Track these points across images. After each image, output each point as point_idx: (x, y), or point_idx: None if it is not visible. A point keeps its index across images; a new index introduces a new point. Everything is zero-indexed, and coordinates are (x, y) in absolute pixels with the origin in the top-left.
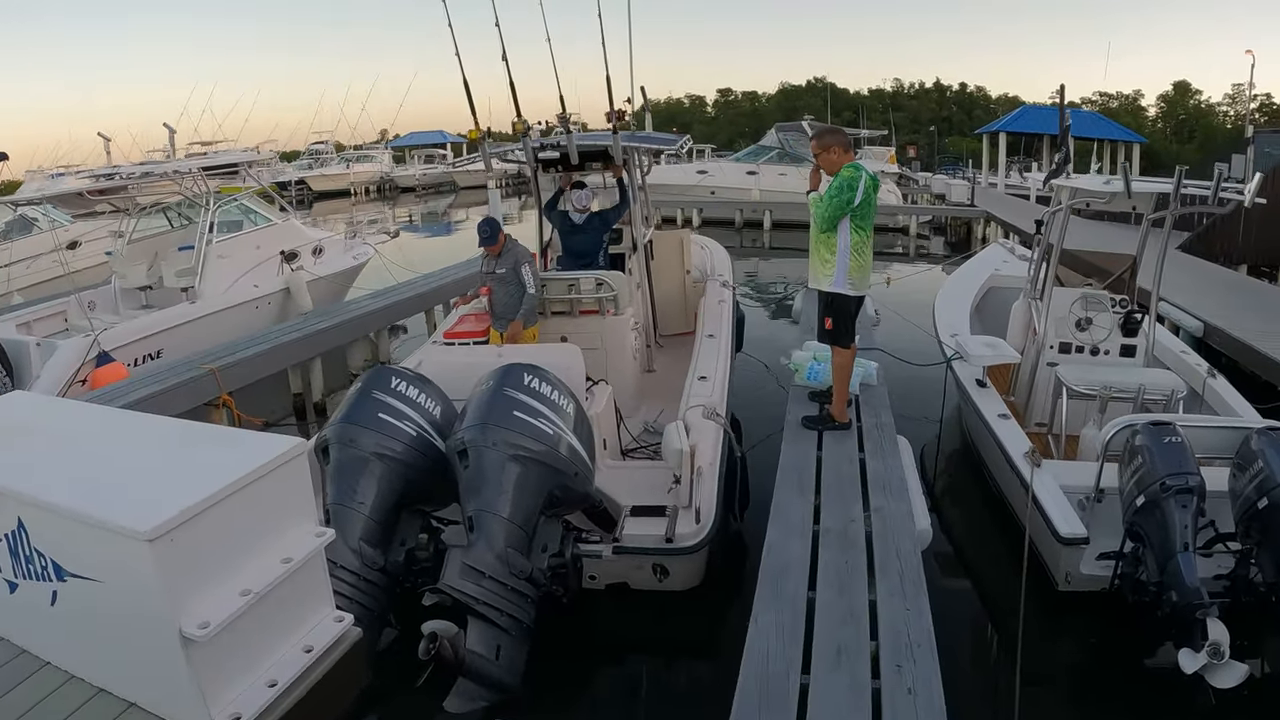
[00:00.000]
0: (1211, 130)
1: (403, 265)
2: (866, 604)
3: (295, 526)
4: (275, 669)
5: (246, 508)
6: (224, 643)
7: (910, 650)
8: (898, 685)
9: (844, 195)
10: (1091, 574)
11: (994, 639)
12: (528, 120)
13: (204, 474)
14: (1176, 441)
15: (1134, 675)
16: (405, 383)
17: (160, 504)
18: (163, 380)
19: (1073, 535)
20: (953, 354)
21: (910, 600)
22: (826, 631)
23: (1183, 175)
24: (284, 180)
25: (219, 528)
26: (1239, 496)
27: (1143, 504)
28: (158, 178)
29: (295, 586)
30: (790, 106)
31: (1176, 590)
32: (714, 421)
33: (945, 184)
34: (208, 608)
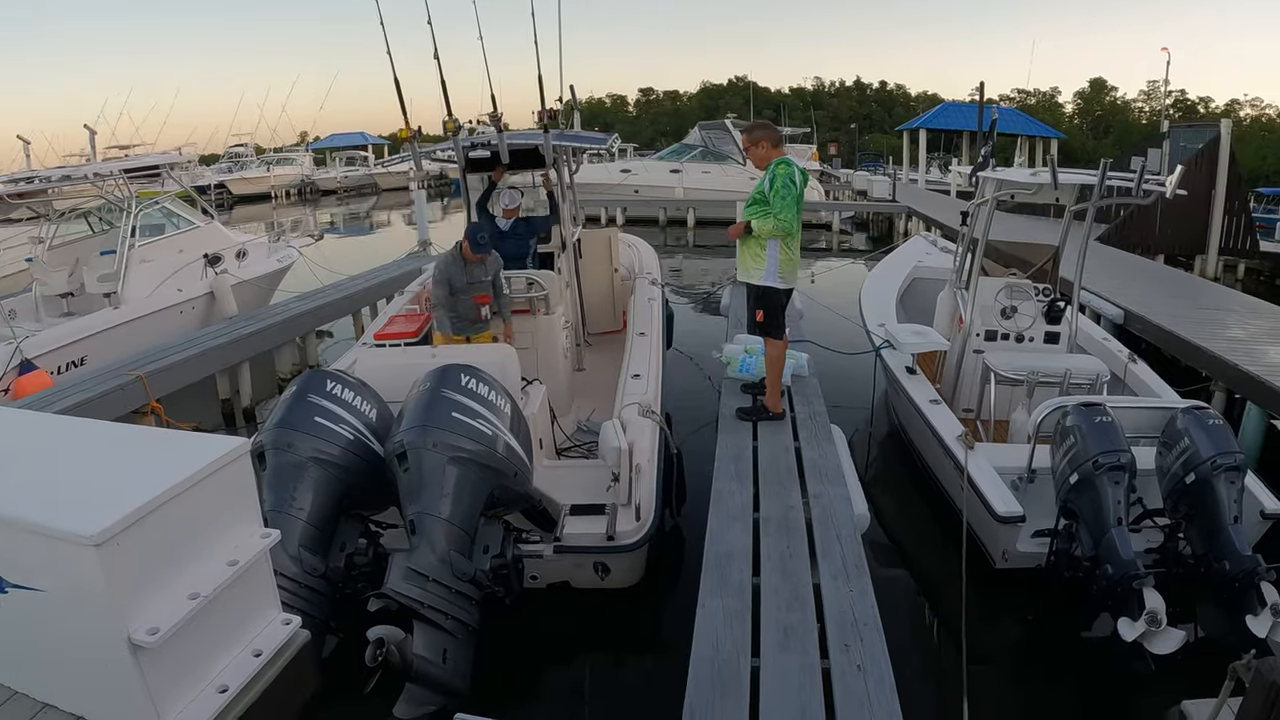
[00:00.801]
0: (1127, 126)
1: (328, 268)
2: (811, 587)
3: (240, 528)
4: (225, 674)
5: (191, 510)
6: (174, 649)
7: (857, 629)
8: (847, 663)
9: (791, 191)
10: (1027, 551)
11: (935, 617)
12: (458, 119)
13: (146, 476)
14: (1107, 421)
15: (1073, 646)
16: (341, 386)
17: (105, 508)
18: (89, 388)
19: (1009, 514)
20: (882, 343)
21: (853, 582)
22: (773, 615)
23: (1107, 168)
24: (203, 184)
25: (165, 531)
26: (1166, 473)
27: (1076, 482)
28: (78, 181)
29: (242, 589)
30: (712, 105)
31: (1112, 563)
32: (649, 419)
33: (867, 180)
34: (156, 613)
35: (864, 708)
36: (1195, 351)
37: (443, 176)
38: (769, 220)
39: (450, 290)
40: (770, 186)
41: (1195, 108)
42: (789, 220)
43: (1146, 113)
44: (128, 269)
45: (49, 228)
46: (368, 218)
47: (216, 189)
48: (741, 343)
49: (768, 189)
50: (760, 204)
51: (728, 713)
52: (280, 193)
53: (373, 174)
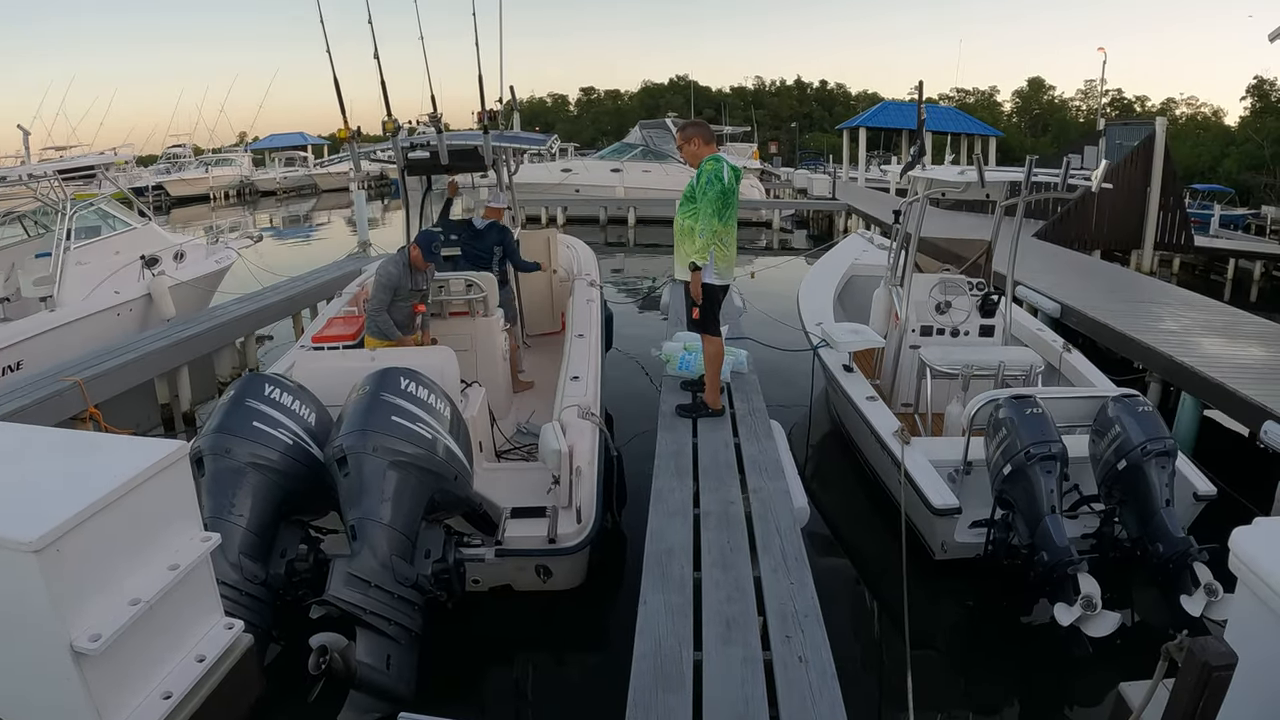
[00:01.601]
0: (1065, 124)
1: (267, 269)
2: (751, 580)
3: (180, 532)
4: (169, 680)
5: (131, 514)
6: (116, 655)
7: (797, 621)
8: (788, 655)
9: (714, 188)
10: (965, 542)
11: (876, 608)
12: (398, 120)
13: (85, 481)
14: (1038, 413)
15: (1013, 633)
16: (279, 390)
17: (43, 513)
18: (25, 394)
19: (945, 506)
20: (819, 341)
21: (793, 574)
22: (715, 608)
23: (1033, 164)
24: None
25: (105, 536)
26: (1099, 460)
27: (1010, 473)
28: (11, 184)
29: (184, 594)
30: (653, 105)
31: (1047, 550)
32: (589, 421)
33: (807, 179)
34: (98, 619)
35: (806, 698)
36: (1130, 343)
37: (383, 177)
38: (697, 240)
39: (393, 297)
40: (698, 183)
41: (1132, 106)
42: (707, 219)
43: (1084, 111)
44: (64, 272)
45: None
46: (307, 219)
47: (154, 190)
48: (681, 340)
49: (695, 185)
50: (691, 202)
51: (671, 706)
52: (219, 194)
53: (312, 175)
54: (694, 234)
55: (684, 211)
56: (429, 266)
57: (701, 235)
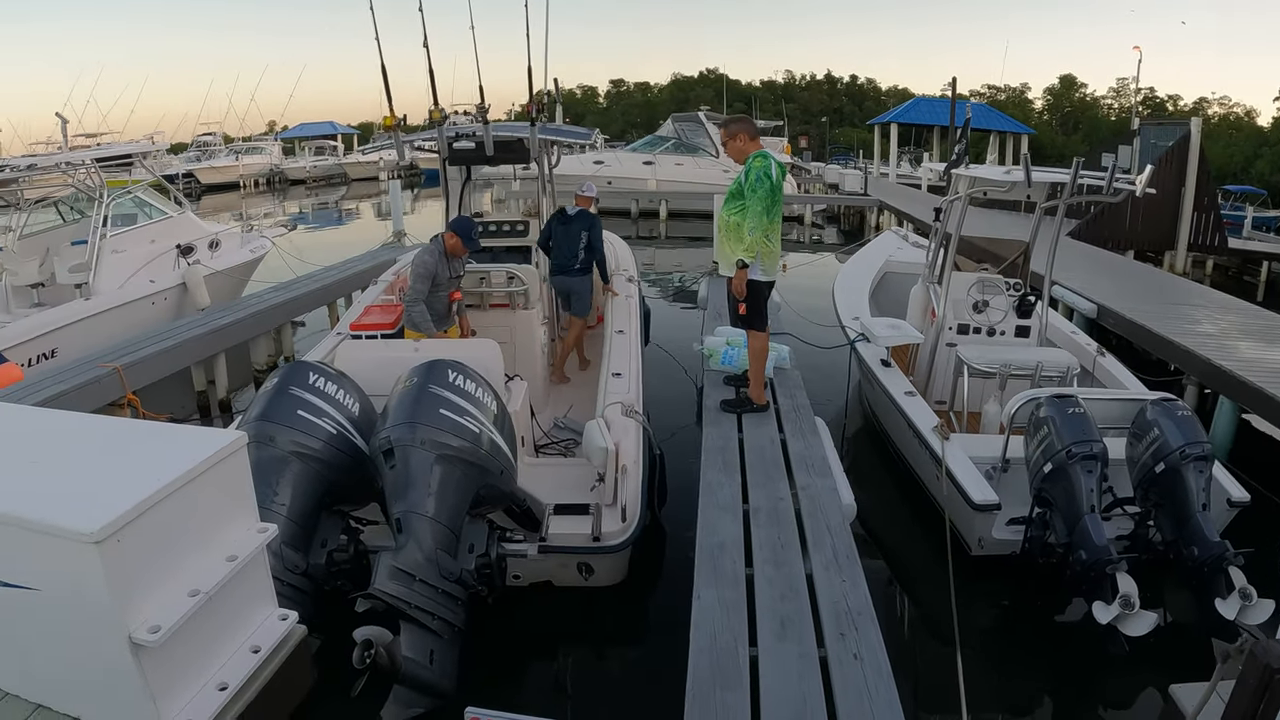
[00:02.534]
0: (1096, 122)
1: (300, 258)
2: (804, 577)
3: (238, 522)
4: (225, 671)
5: (191, 505)
6: (174, 647)
7: (851, 619)
8: (843, 652)
9: (764, 185)
10: (1002, 538)
11: (913, 603)
12: (444, 109)
13: (146, 471)
14: (1079, 412)
15: (1048, 630)
16: (324, 378)
17: (104, 504)
18: (63, 381)
19: (986, 502)
20: (857, 336)
21: (845, 572)
22: (768, 605)
23: (1080, 166)
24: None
25: (165, 527)
26: (1136, 463)
27: (1050, 471)
28: (48, 171)
29: (240, 585)
30: (683, 98)
31: (1086, 549)
32: (633, 419)
33: (839, 174)
34: (157, 611)
35: (863, 696)
36: (1168, 346)
37: (412, 167)
38: (746, 237)
39: (431, 286)
40: (745, 180)
41: (1164, 105)
42: (755, 217)
43: (1115, 109)
44: (99, 259)
45: (18, 217)
46: (337, 207)
47: (185, 178)
48: (723, 335)
49: (744, 181)
50: (738, 198)
51: (729, 703)
52: (249, 182)
53: (342, 163)
54: (741, 230)
55: (730, 208)
56: (465, 252)
57: (751, 233)
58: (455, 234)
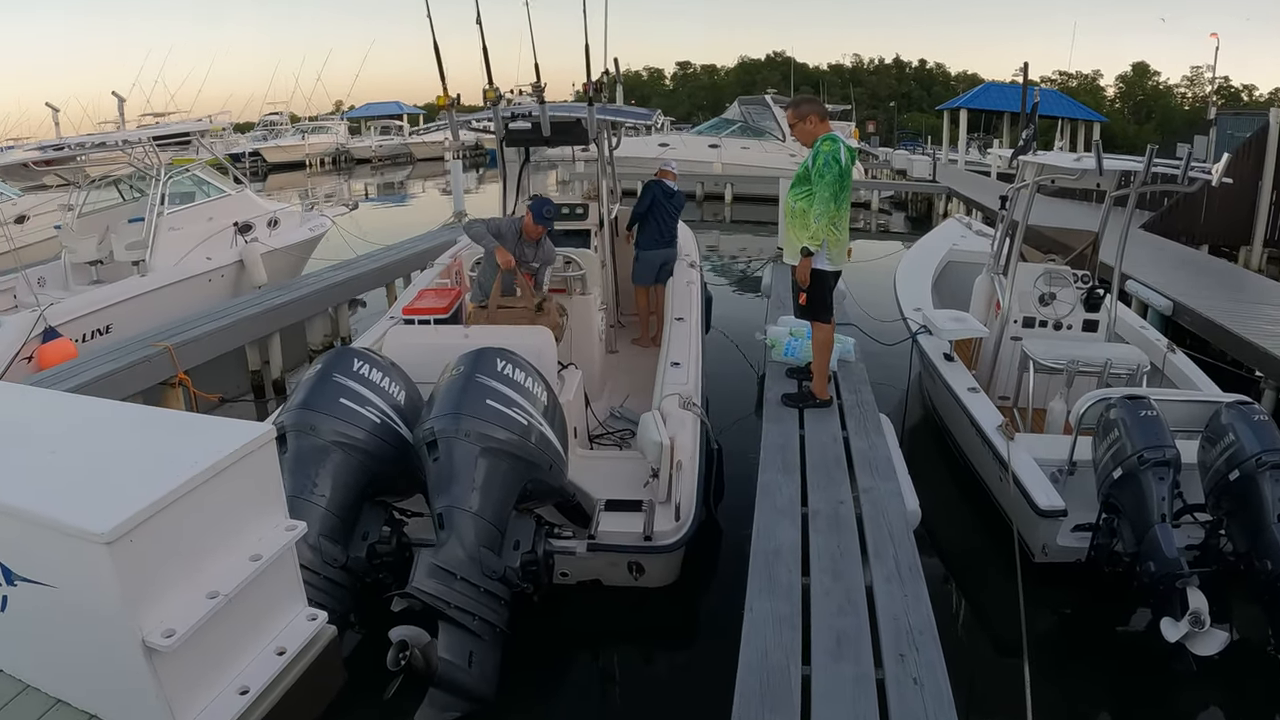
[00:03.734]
0: (1169, 112)
1: (361, 238)
2: (863, 590)
3: (263, 520)
4: (247, 675)
5: (212, 502)
6: (191, 651)
7: (912, 639)
8: (902, 675)
9: (832, 170)
10: (1068, 545)
11: (975, 613)
12: (499, 89)
13: (165, 466)
14: (1152, 415)
15: (1113, 645)
16: (369, 365)
17: (118, 501)
18: (115, 359)
19: (1052, 508)
20: (919, 328)
21: (908, 586)
22: (825, 620)
23: (1153, 154)
24: (238, 152)
25: (183, 525)
26: (1209, 469)
27: (1120, 477)
28: (107, 148)
29: (265, 585)
30: (749, 81)
31: (1155, 560)
32: (691, 412)
33: (906, 160)
34: (173, 614)
35: None
36: (1246, 347)
37: (478, 147)
38: (812, 224)
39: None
40: (813, 164)
41: (1238, 95)
42: (823, 202)
43: (1189, 99)
44: (156, 237)
45: (79, 195)
46: (402, 187)
47: (251, 157)
48: (787, 325)
49: (810, 166)
50: (804, 183)
51: None
52: (315, 161)
53: (407, 143)
54: (807, 217)
55: (796, 193)
56: (541, 232)
57: (817, 220)
58: (530, 211)
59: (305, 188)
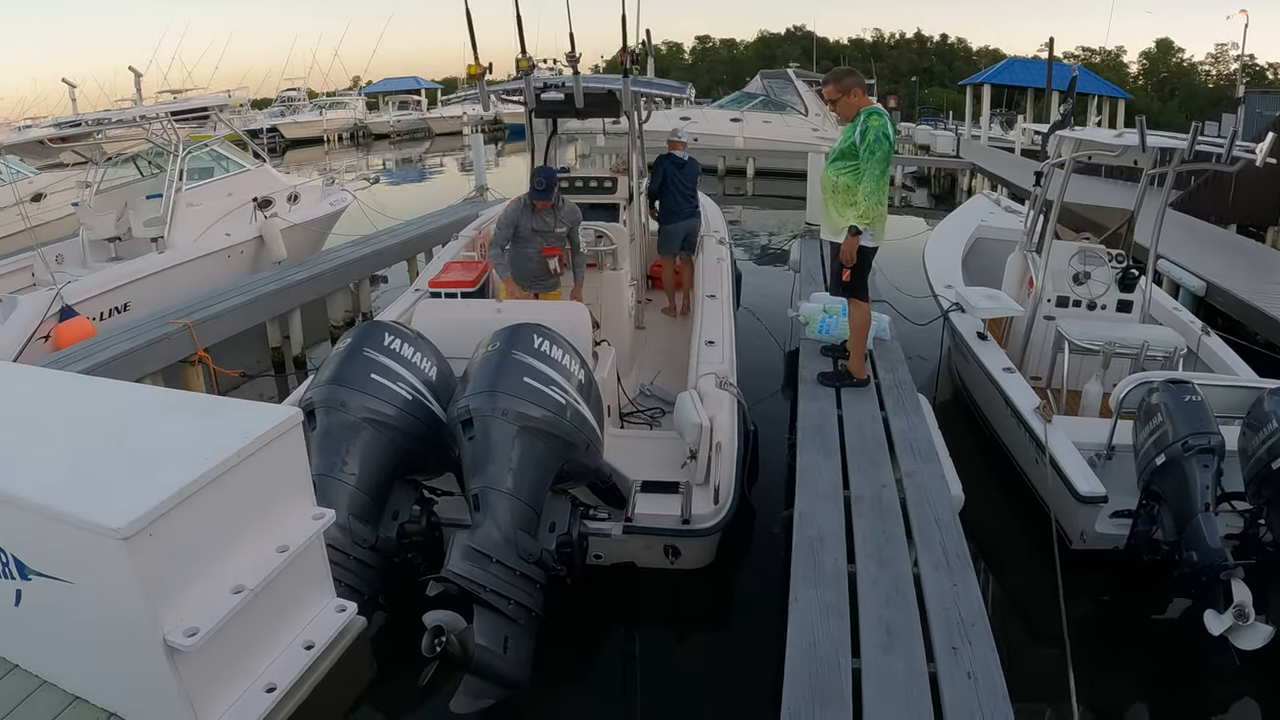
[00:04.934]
0: (1193, 89)
1: (382, 212)
2: (911, 578)
3: (291, 508)
4: (273, 671)
5: (237, 491)
6: (215, 649)
7: (963, 630)
8: (955, 669)
9: (883, 146)
10: (1106, 532)
11: (1011, 600)
12: (531, 58)
13: (186, 453)
14: (1196, 400)
15: (1152, 635)
16: (400, 340)
17: (137, 493)
18: (134, 338)
19: (1092, 494)
20: (951, 305)
21: (956, 574)
22: (873, 611)
23: (1198, 131)
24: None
25: (206, 517)
26: (1250, 456)
27: (1162, 464)
28: (124, 124)
29: (292, 577)
30: (769, 55)
31: (1198, 550)
32: (728, 392)
33: (929, 135)
34: (196, 611)
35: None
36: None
37: (497, 121)
38: (861, 201)
39: (515, 234)
40: (862, 140)
41: (1264, 73)
42: (873, 179)
43: (1214, 76)
44: (174, 213)
45: (97, 172)
46: (421, 162)
47: (269, 133)
48: (820, 301)
49: (858, 141)
50: (848, 158)
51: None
52: (333, 137)
53: (425, 118)
54: (851, 193)
55: (838, 168)
56: (549, 205)
57: (869, 198)
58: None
59: (324, 163)
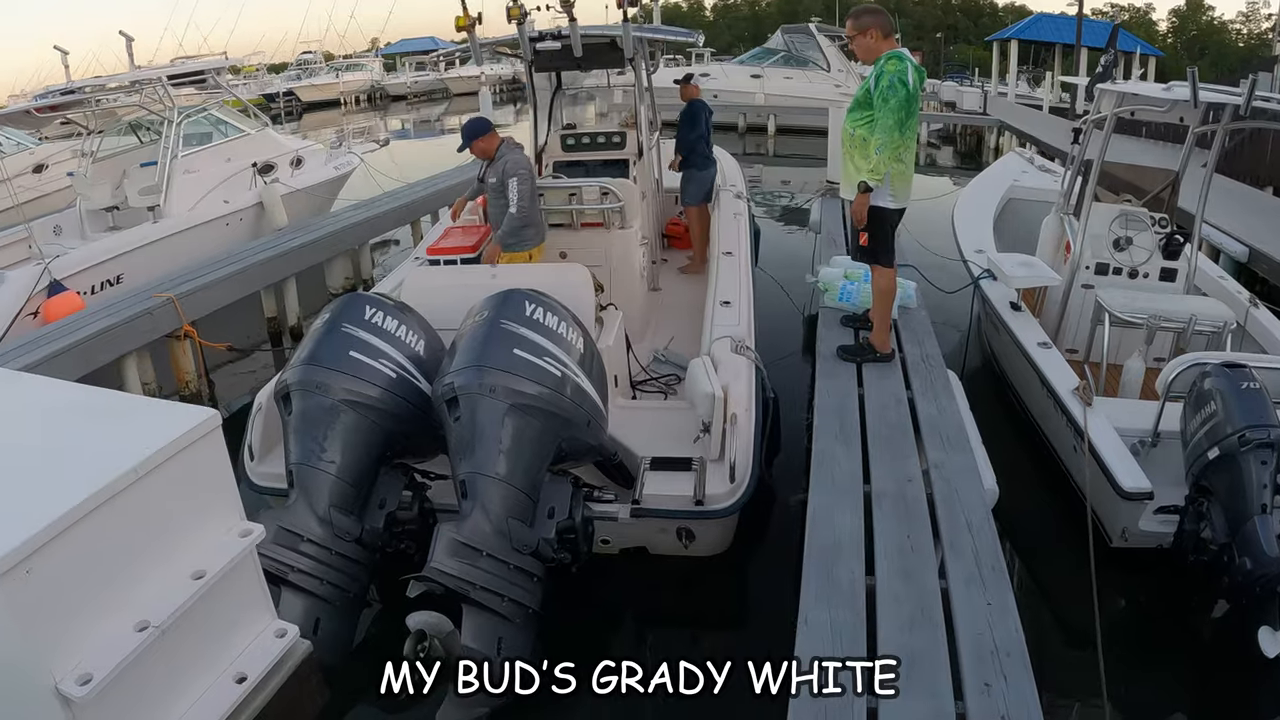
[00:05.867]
0: (1223, 48)
1: (391, 176)
2: (938, 594)
3: (211, 526)
4: (198, 713)
5: (140, 511)
6: (119, 694)
7: (998, 662)
8: (987, 712)
9: (897, 94)
10: (1150, 530)
11: (1041, 599)
12: (524, 6)
13: (80, 468)
14: (1254, 388)
15: (1201, 644)
16: (382, 313)
17: (15, 518)
18: (114, 313)
19: (1137, 490)
20: (982, 272)
21: (991, 591)
22: (894, 636)
23: (1254, 86)
24: (272, 92)
25: (101, 544)
26: None
27: (1215, 458)
28: (116, 90)
29: (216, 603)
30: (791, 11)
31: (1251, 557)
32: (744, 356)
33: (955, 91)
34: (91, 654)
35: None
36: None
37: (515, 81)
38: (873, 154)
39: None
40: (875, 86)
41: None
42: (886, 131)
43: (1244, 35)
44: (170, 181)
45: (94, 141)
46: (438, 122)
47: (285, 96)
48: (841, 265)
49: (873, 88)
50: (864, 107)
51: None
52: (349, 99)
53: (443, 78)
54: (867, 146)
55: (854, 118)
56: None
57: (879, 151)
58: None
59: (341, 125)
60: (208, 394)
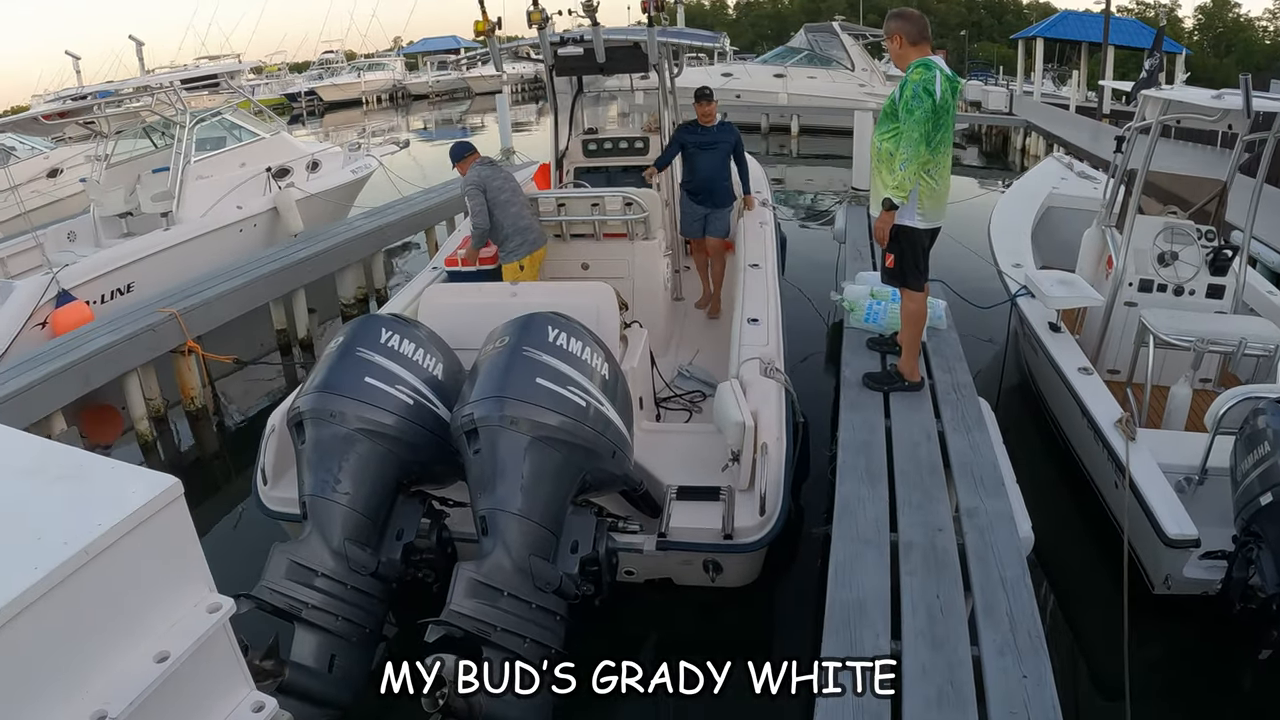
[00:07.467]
0: (1250, 45)
1: (410, 180)
2: (969, 665)
3: (175, 602)
4: None
5: (93, 593)
6: None
7: None
8: None
9: (922, 104)
10: (1195, 577)
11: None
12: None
13: (25, 548)
14: None
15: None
16: (397, 336)
17: None
18: (116, 329)
19: (1183, 537)
20: (1019, 289)
21: (1026, 662)
22: (920, 713)
23: None
24: (294, 91)
25: (50, 631)
26: None
27: (1269, 503)
28: (126, 96)
29: (185, 684)
30: (814, 9)
31: None
32: (774, 380)
33: (981, 90)
34: None
35: None
36: None
37: (537, 80)
38: (898, 169)
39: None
40: (899, 96)
41: None
42: (911, 143)
43: (1270, 33)
44: (183, 186)
45: (107, 145)
46: (460, 122)
47: (307, 96)
48: (867, 282)
49: (898, 99)
50: (891, 120)
51: None
52: (371, 98)
53: (465, 77)
54: (894, 161)
55: (882, 132)
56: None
57: (904, 165)
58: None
59: (362, 124)
60: (213, 408)
